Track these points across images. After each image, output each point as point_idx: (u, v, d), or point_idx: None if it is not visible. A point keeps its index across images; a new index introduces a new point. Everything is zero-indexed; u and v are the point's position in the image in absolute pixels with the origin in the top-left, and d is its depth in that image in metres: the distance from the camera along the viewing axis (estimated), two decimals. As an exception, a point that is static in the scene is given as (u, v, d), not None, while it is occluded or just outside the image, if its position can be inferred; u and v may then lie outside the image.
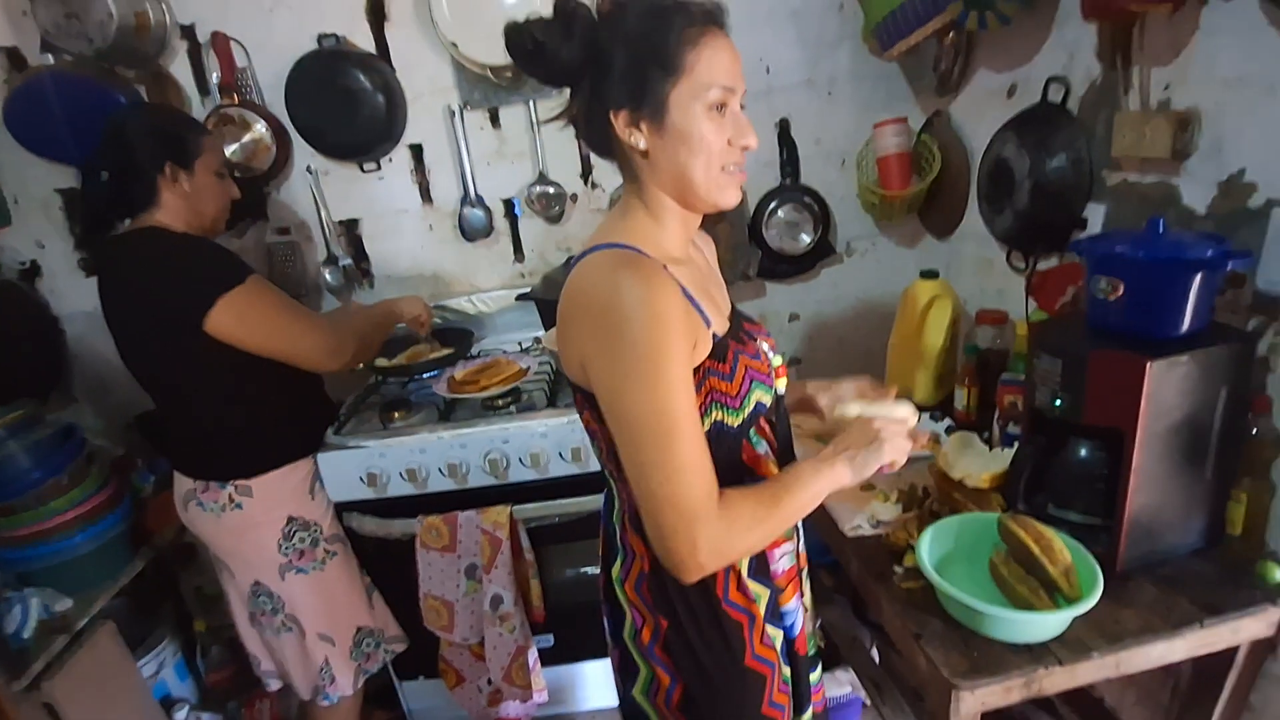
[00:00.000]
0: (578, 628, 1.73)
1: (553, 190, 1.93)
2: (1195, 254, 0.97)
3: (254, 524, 1.44)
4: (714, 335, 0.84)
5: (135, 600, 1.85)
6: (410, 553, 1.61)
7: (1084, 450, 1.11)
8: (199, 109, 1.82)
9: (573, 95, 0.85)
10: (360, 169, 1.90)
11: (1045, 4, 1.36)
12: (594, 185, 1.96)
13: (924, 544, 1.07)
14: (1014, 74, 1.53)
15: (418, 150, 1.90)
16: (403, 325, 1.71)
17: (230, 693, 1.97)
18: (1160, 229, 1.01)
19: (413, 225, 1.98)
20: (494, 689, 1.69)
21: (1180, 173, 1.17)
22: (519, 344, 2.01)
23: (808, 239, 1.96)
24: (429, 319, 1.73)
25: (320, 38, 1.75)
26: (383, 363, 1.81)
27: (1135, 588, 1.05)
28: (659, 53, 0.77)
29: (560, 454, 1.58)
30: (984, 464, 1.29)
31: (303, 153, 1.87)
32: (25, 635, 1.45)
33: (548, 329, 1.83)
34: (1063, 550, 1.00)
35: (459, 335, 1.90)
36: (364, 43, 1.80)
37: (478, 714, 1.75)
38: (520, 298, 1.87)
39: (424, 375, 1.82)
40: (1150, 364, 0.95)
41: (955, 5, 1.37)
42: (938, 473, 1.32)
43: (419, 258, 2.01)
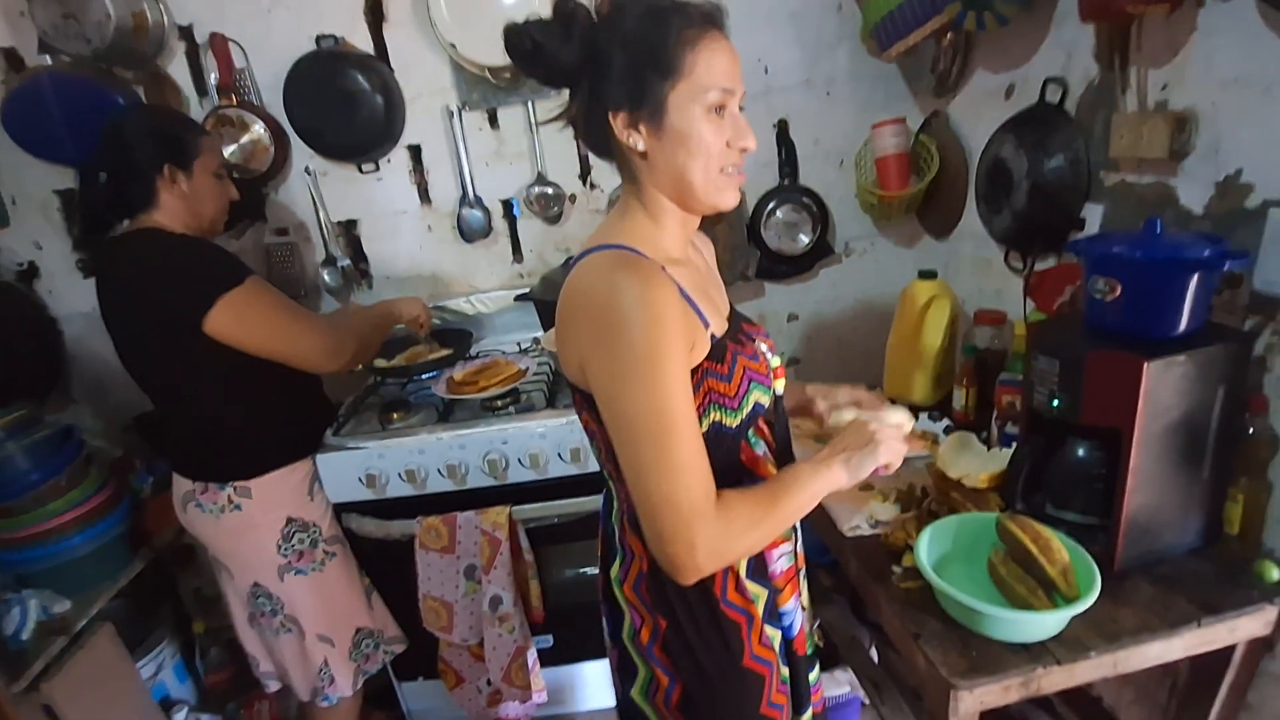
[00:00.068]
0: (577, 628, 1.73)
1: (551, 191, 1.93)
2: (1192, 254, 0.97)
3: (253, 525, 1.44)
4: (712, 336, 0.84)
5: (134, 602, 1.85)
6: (409, 553, 1.61)
7: (1082, 450, 1.11)
8: (197, 110, 1.82)
9: (572, 96, 0.85)
10: (359, 170, 1.90)
11: (1043, 5, 1.36)
12: (592, 186, 1.96)
13: (922, 544, 1.07)
14: (1012, 74, 1.53)
15: (416, 151, 1.90)
16: (401, 326, 1.71)
17: (229, 694, 1.97)
18: (1157, 229, 1.02)
19: (411, 226, 1.98)
20: (493, 689, 1.69)
21: (1177, 173, 1.17)
22: (518, 345, 2.01)
23: (806, 239, 1.96)
24: (428, 320, 1.74)
25: (318, 38, 1.75)
26: (381, 364, 1.80)
27: (1133, 587, 1.05)
28: (657, 55, 0.77)
29: (559, 454, 1.58)
30: (982, 464, 1.29)
31: (301, 154, 1.87)
32: (24, 637, 1.45)
33: (546, 329, 1.83)
34: (1060, 550, 1.01)
35: (458, 336, 1.90)
36: (362, 43, 1.80)
37: (477, 714, 1.75)
38: (519, 298, 1.88)
39: (423, 376, 1.82)
40: (1147, 364, 0.96)
41: (953, 6, 1.38)
42: (936, 473, 1.32)
43: (417, 258, 2.01)
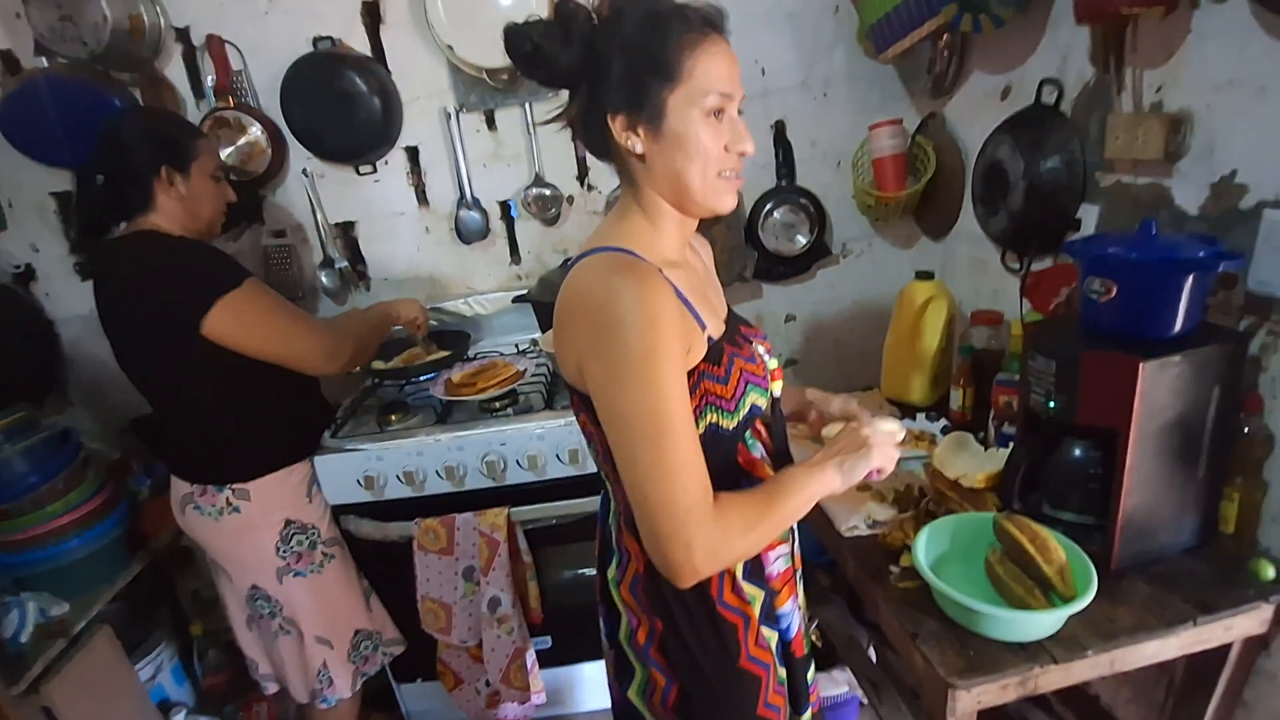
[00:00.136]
0: (575, 629, 1.73)
1: (549, 192, 1.93)
2: (1187, 255, 0.98)
3: (251, 527, 1.44)
4: (709, 338, 0.85)
5: (132, 604, 1.85)
6: (408, 555, 1.61)
7: (1078, 450, 1.12)
8: (194, 112, 1.82)
9: (571, 98, 0.85)
10: (356, 172, 1.90)
11: (1039, 7, 1.37)
12: (590, 187, 1.96)
13: (920, 544, 1.08)
14: (1008, 76, 1.53)
15: (414, 153, 1.90)
16: (400, 328, 1.71)
17: (227, 696, 1.96)
18: (1153, 230, 1.03)
19: (409, 228, 1.98)
20: (492, 690, 1.69)
21: (1172, 174, 1.18)
22: (516, 346, 2.01)
23: (804, 240, 1.97)
24: (425, 321, 1.74)
25: (315, 40, 1.75)
26: (379, 365, 1.80)
27: (1129, 586, 1.06)
28: (657, 58, 0.77)
29: (558, 456, 1.58)
30: (979, 464, 1.30)
31: (298, 155, 1.87)
32: (22, 639, 1.45)
33: (544, 331, 1.83)
34: (1057, 549, 1.01)
35: (456, 337, 1.91)
36: (360, 45, 1.79)
37: (476, 716, 1.75)
38: (517, 300, 1.88)
39: (421, 378, 1.82)
40: (1143, 364, 0.96)
41: (949, 8, 1.38)
42: (933, 473, 1.32)
43: (415, 260, 2.01)
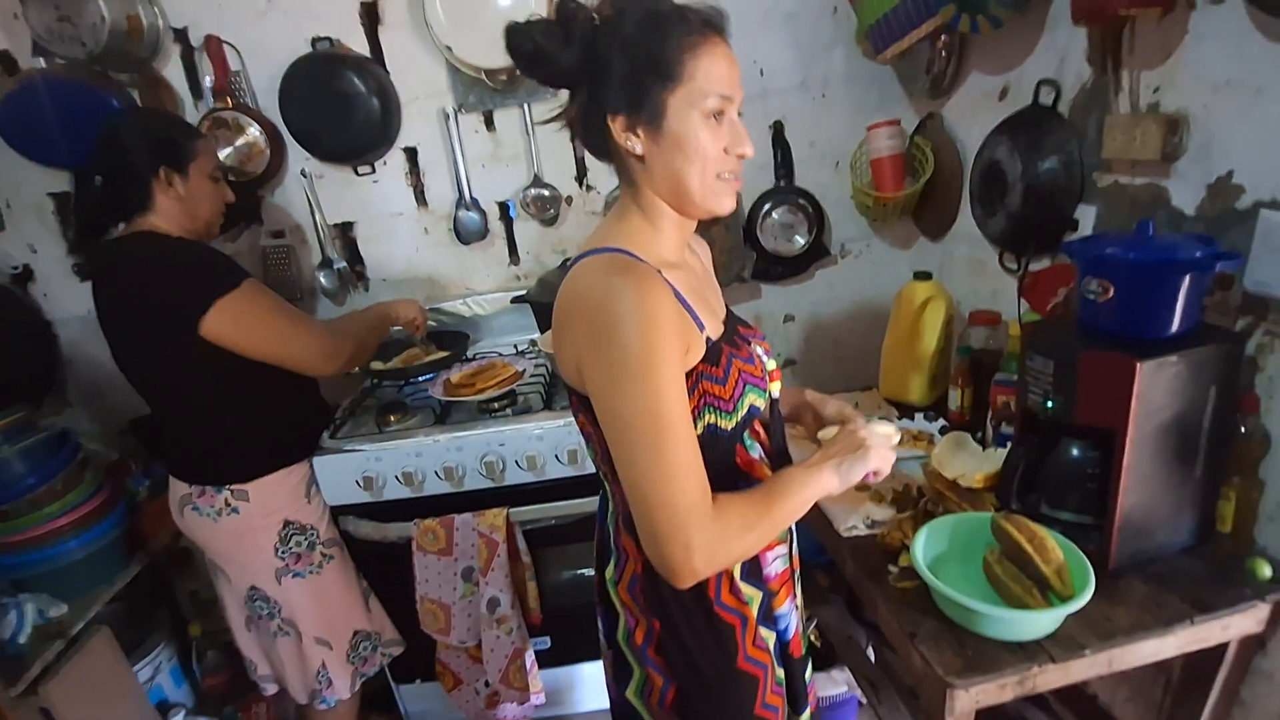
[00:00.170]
0: (575, 629, 1.73)
1: (548, 193, 1.93)
2: (1184, 255, 0.98)
3: (250, 528, 1.44)
4: (707, 339, 0.85)
5: (130, 605, 1.84)
6: (407, 556, 1.61)
7: (1076, 450, 1.12)
8: (192, 112, 1.81)
9: (571, 98, 0.85)
10: (355, 172, 1.90)
11: (1036, 8, 1.37)
12: (589, 188, 1.96)
13: (918, 544, 1.08)
14: (1006, 77, 1.54)
15: (412, 153, 1.90)
16: (399, 328, 1.71)
17: (226, 697, 1.96)
18: (1150, 231, 1.03)
19: (408, 228, 1.98)
20: (491, 691, 1.69)
21: (1170, 175, 1.18)
22: (515, 346, 2.01)
23: (802, 241, 1.97)
24: (424, 322, 1.74)
25: (314, 41, 1.75)
26: (378, 366, 1.80)
27: (1127, 585, 1.06)
28: (658, 59, 0.77)
29: (556, 456, 1.59)
30: (978, 464, 1.30)
31: (297, 156, 1.86)
32: (21, 640, 1.45)
33: (543, 331, 1.84)
34: (1055, 549, 1.01)
35: (455, 338, 1.91)
36: (358, 46, 1.79)
37: (475, 716, 1.75)
38: (516, 300, 1.88)
39: (420, 378, 1.82)
40: (1140, 364, 0.97)
41: (947, 9, 1.38)
42: (932, 473, 1.33)
43: (414, 261, 2.01)
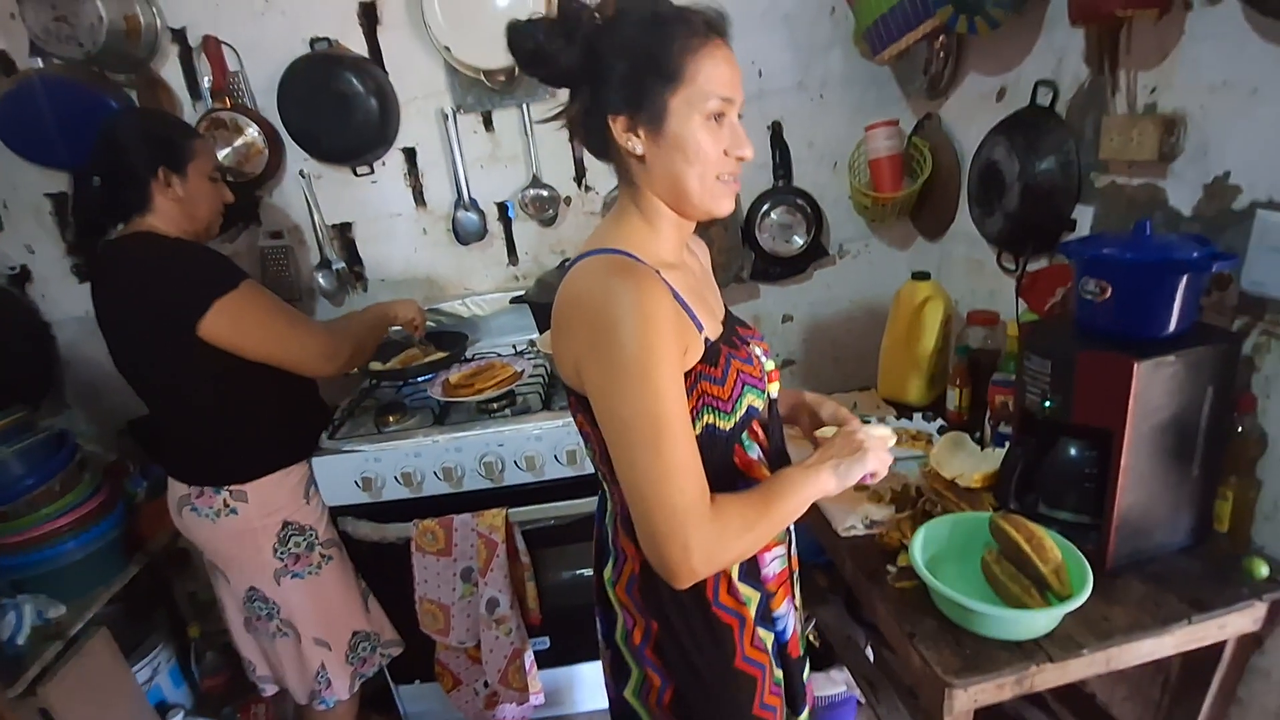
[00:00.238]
0: (574, 630, 1.73)
1: (546, 193, 1.93)
2: (1181, 256, 0.98)
3: (249, 529, 1.44)
4: (706, 340, 0.85)
5: (129, 606, 1.84)
6: (406, 556, 1.61)
7: (1073, 450, 1.12)
8: (190, 113, 1.81)
9: (572, 97, 0.85)
10: (353, 173, 1.90)
11: (1034, 8, 1.38)
12: (587, 188, 1.96)
13: (917, 543, 1.08)
14: (1003, 77, 1.54)
15: (411, 154, 1.90)
16: (398, 329, 1.71)
17: (225, 698, 1.96)
18: (1147, 231, 1.03)
19: (406, 229, 1.98)
20: (490, 691, 1.69)
21: (1167, 175, 1.18)
22: (513, 347, 2.01)
23: (800, 241, 1.97)
24: (423, 322, 1.73)
25: (312, 41, 1.75)
26: (377, 366, 1.80)
27: (1124, 585, 1.07)
28: (660, 60, 0.77)
29: (555, 456, 1.59)
30: (976, 464, 1.31)
31: (295, 156, 1.86)
32: (20, 641, 1.45)
33: (542, 332, 1.84)
34: (1053, 548, 1.01)
35: (453, 338, 1.90)
36: (356, 46, 1.79)
37: (474, 716, 1.75)
38: (514, 301, 1.88)
39: (418, 379, 1.82)
40: (1137, 364, 0.97)
41: (945, 9, 1.38)
42: (930, 473, 1.33)
43: (412, 261, 2.01)
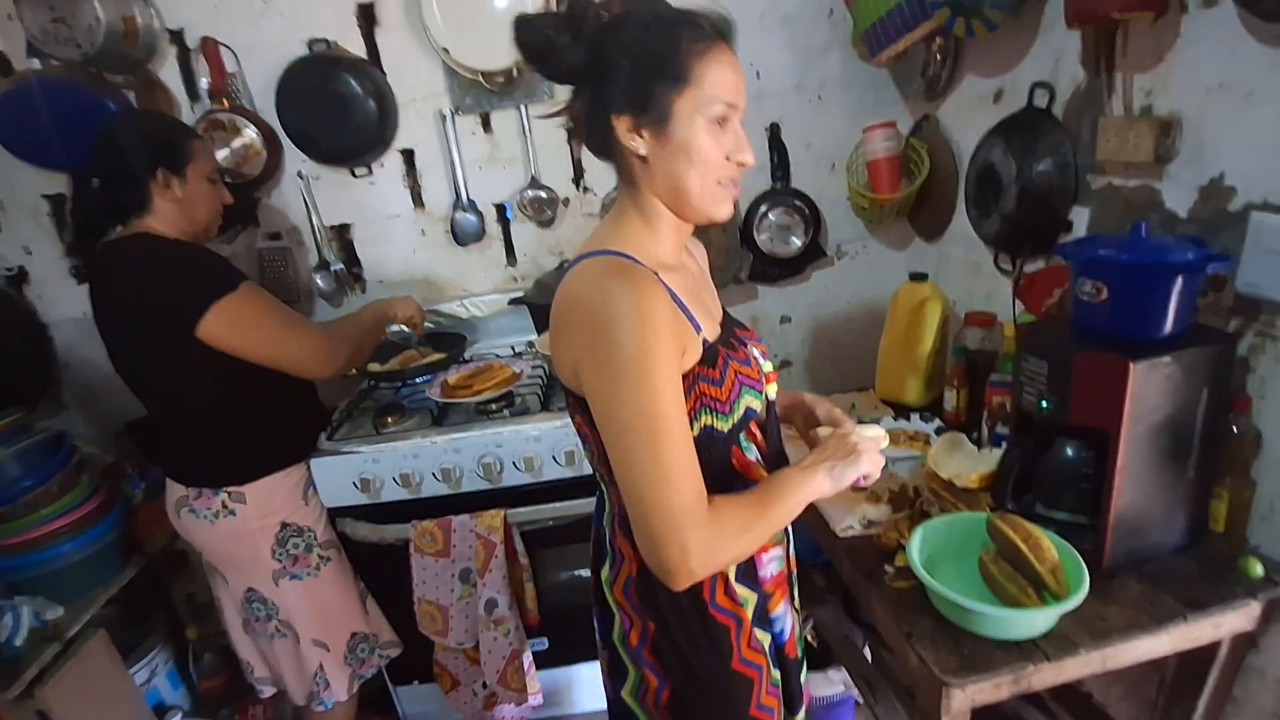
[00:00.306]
0: (572, 630, 1.73)
1: (545, 194, 1.93)
2: (1177, 257, 0.99)
3: (247, 530, 1.44)
4: (704, 341, 0.85)
5: (127, 608, 1.84)
6: (404, 557, 1.61)
7: (1070, 450, 1.13)
8: (189, 114, 1.81)
9: (576, 94, 0.85)
10: (351, 174, 1.90)
11: (1030, 11, 1.38)
12: (586, 189, 1.96)
13: (914, 544, 1.08)
14: (1000, 79, 1.55)
15: (409, 155, 1.90)
16: (396, 329, 1.71)
17: (223, 699, 1.96)
18: (1143, 232, 1.03)
19: (404, 230, 1.98)
20: (489, 692, 1.69)
21: (1162, 177, 1.19)
22: (512, 348, 2.01)
23: (799, 242, 1.98)
24: (423, 319, 1.72)
25: (310, 43, 1.76)
26: (375, 368, 1.80)
27: (1121, 584, 1.07)
28: (668, 62, 0.78)
29: (554, 457, 1.59)
30: (973, 464, 1.31)
31: (293, 158, 1.86)
32: (17, 643, 1.44)
33: (540, 333, 1.84)
34: (1050, 548, 1.02)
35: (452, 339, 1.91)
36: (355, 48, 1.80)
37: (473, 717, 1.75)
38: (513, 302, 1.88)
39: (417, 380, 1.82)
40: (1134, 365, 0.97)
41: (942, 12, 1.39)
42: (928, 473, 1.33)
43: (411, 262, 2.01)
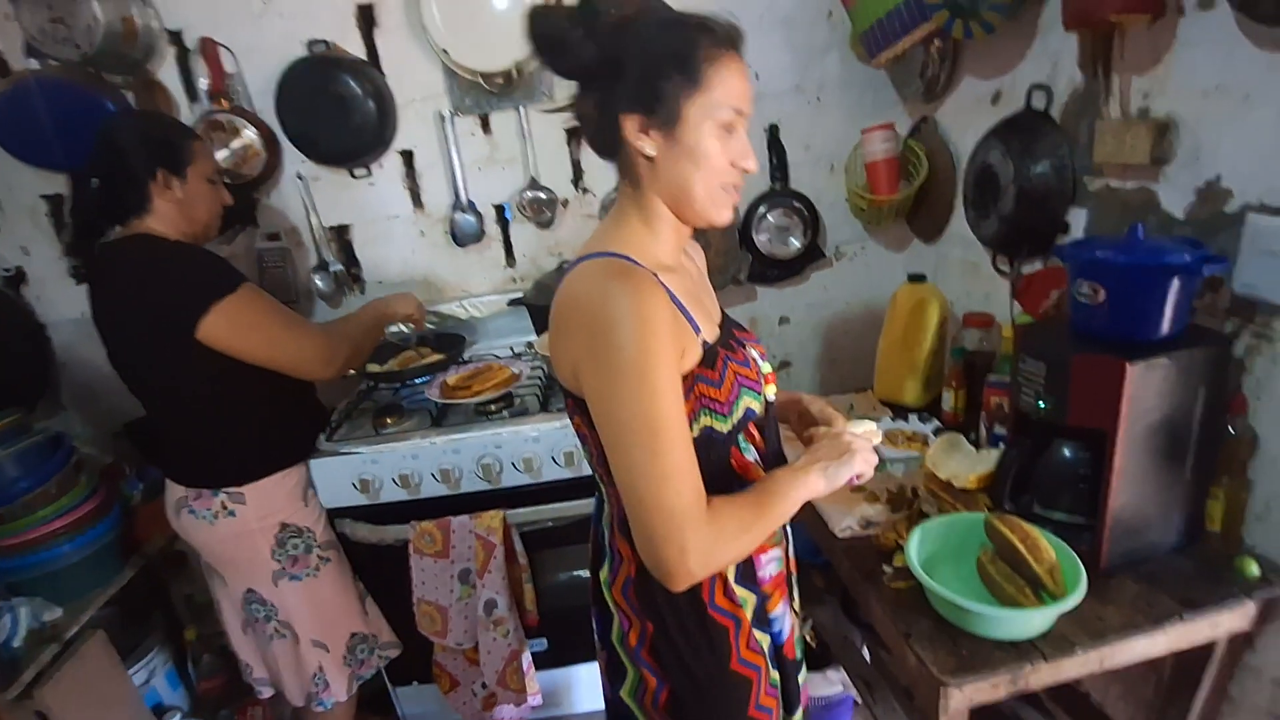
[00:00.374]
0: (571, 631, 1.73)
1: (544, 195, 1.94)
2: (1174, 259, 0.99)
3: (247, 531, 1.44)
4: (704, 343, 0.86)
5: (125, 609, 1.83)
6: (403, 558, 1.61)
7: (1068, 451, 1.13)
8: (188, 115, 1.81)
9: (584, 92, 0.85)
10: (351, 175, 1.90)
11: (1028, 13, 1.39)
12: (585, 190, 1.97)
13: (913, 544, 1.09)
14: (998, 81, 1.55)
15: (408, 156, 1.90)
16: (395, 329, 1.70)
17: (222, 700, 1.96)
18: (1140, 234, 1.04)
19: (404, 231, 1.98)
20: (488, 693, 1.70)
21: (1159, 179, 1.19)
22: (511, 349, 2.01)
23: (797, 243, 1.98)
24: (423, 315, 1.72)
25: (310, 43, 1.76)
26: (374, 368, 1.80)
27: (1118, 584, 1.07)
28: (682, 64, 0.78)
29: (553, 458, 1.59)
30: (971, 465, 1.31)
31: (293, 158, 1.86)
32: (15, 644, 1.44)
33: (539, 334, 1.84)
34: (1048, 549, 1.02)
35: (451, 340, 1.91)
36: (354, 48, 1.80)
37: (472, 718, 1.75)
38: (512, 303, 1.88)
39: (416, 381, 1.82)
40: (1130, 366, 0.98)
41: (941, 14, 1.39)
42: (926, 474, 1.34)
43: (410, 263, 2.01)
